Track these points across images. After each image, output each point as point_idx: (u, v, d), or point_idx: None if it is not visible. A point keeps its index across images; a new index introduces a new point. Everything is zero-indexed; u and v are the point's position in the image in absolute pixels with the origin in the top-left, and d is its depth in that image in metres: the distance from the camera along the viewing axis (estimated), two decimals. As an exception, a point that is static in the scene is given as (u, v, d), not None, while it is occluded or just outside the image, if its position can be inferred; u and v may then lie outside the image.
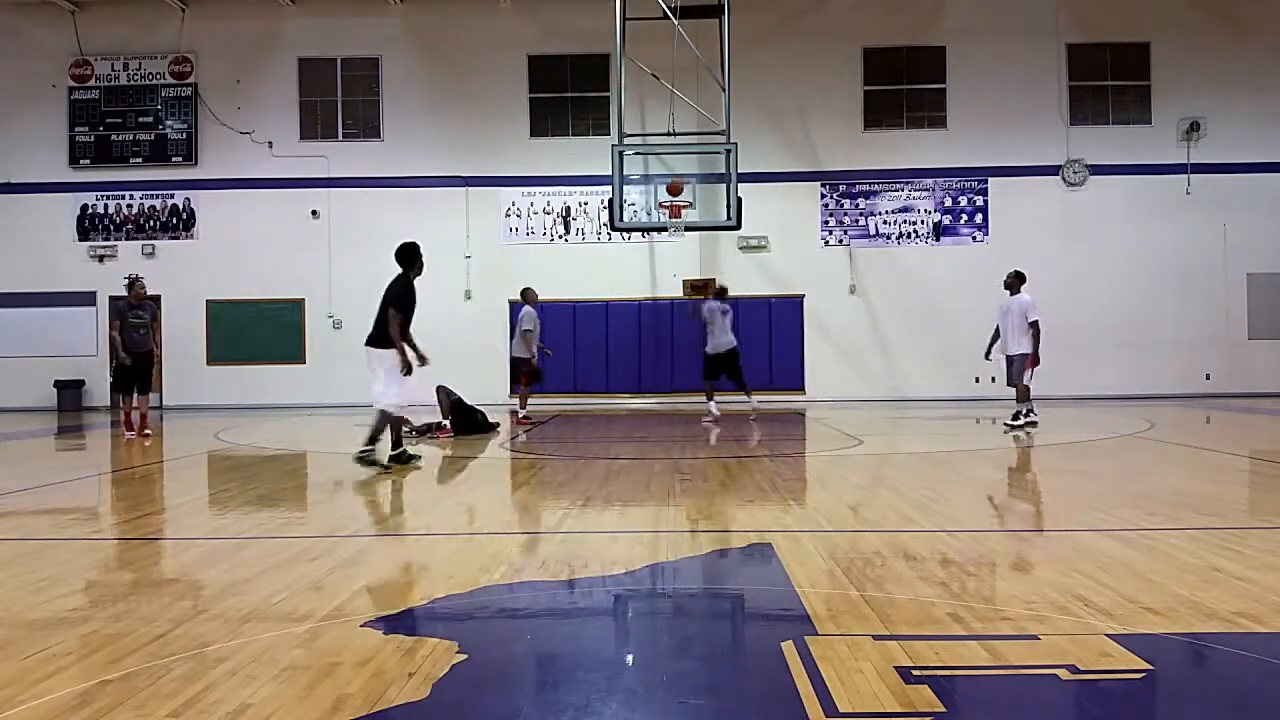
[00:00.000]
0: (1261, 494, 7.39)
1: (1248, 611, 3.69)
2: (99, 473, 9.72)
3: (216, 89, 19.95)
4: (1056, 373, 19.25)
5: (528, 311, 14.49)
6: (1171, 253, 19.33)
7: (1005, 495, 7.13)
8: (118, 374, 12.27)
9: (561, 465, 9.54)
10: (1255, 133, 19.39)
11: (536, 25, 19.69)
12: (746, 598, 4.38)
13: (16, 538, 5.76)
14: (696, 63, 17.27)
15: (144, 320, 12.01)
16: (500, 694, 3.00)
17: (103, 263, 19.90)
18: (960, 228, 19.65)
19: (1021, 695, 2.94)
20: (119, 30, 19.91)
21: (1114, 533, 5.30)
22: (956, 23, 19.63)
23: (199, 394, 19.47)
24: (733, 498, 6.92)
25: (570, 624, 3.92)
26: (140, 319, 11.99)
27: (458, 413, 12.40)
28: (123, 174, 19.96)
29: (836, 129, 19.61)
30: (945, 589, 4.11)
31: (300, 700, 2.87)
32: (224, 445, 11.64)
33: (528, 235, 19.80)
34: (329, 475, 8.38)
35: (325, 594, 4.19)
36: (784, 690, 2.91)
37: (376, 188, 19.67)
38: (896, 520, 6.00)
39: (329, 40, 19.85)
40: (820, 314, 19.49)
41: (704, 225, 17.91)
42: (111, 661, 3.25)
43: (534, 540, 5.41)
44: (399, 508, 6.95)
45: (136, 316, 11.99)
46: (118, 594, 4.27)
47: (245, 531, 5.85)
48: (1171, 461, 9.11)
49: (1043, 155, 19.51)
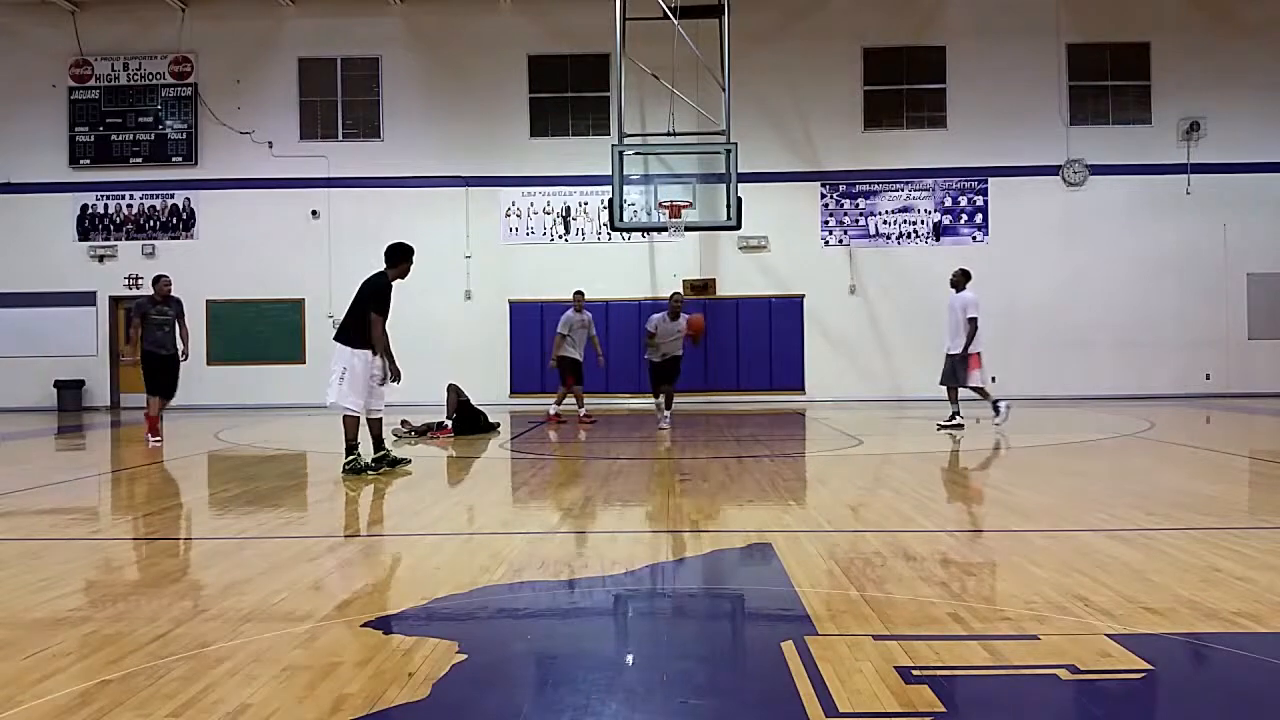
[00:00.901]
0: (1261, 494, 7.39)
1: (1248, 611, 3.69)
2: (99, 473, 9.72)
3: (216, 89, 19.96)
4: (1057, 373, 19.35)
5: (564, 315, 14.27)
6: (1171, 253, 19.33)
7: (1005, 495, 7.12)
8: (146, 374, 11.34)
9: (561, 465, 9.55)
10: (1255, 133, 19.39)
11: (536, 25, 19.69)
12: (746, 598, 4.38)
13: (16, 538, 5.76)
14: (696, 63, 17.27)
15: (168, 318, 11.23)
16: (500, 694, 3.00)
17: (103, 263, 19.92)
18: (960, 228, 19.65)
19: (1021, 695, 2.94)
20: (119, 30, 19.91)
21: (1114, 533, 5.30)
22: (956, 23, 19.64)
23: (199, 394, 19.41)
24: (733, 498, 6.91)
25: (570, 624, 3.92)
26: (164, 315, 11.22)
27: (461, 413, 12.41)
28: (123, 174, 19.97)
29: (836, 129, 19.61)
30: (945, 589, 4.11)
31: (300, 700, 2.87)
32: (224, 445, 11.63)
33: (528, 235, 19.80)
34: (329, 475, 8.38)
35: (325, 594, 4.19)
36: (784, 690, 2.91)
37: (376, 188, 19.67)
38: (896, 520, 6.00)
39: (329, 40, 19.85)
40: (820, 314, 19.49)
41: (704, 225, 17.92)
42: (111, 661, 3.25)
43: (534, 540, 5.41)
44: (399, 508, 6.94)
45: (160, 313, 11.21)
46: (118, 594, 4.27)
47: (245, 531, 5.84)
48: (1171, 461, 9.10)
49: (1043, 155, 19.51)
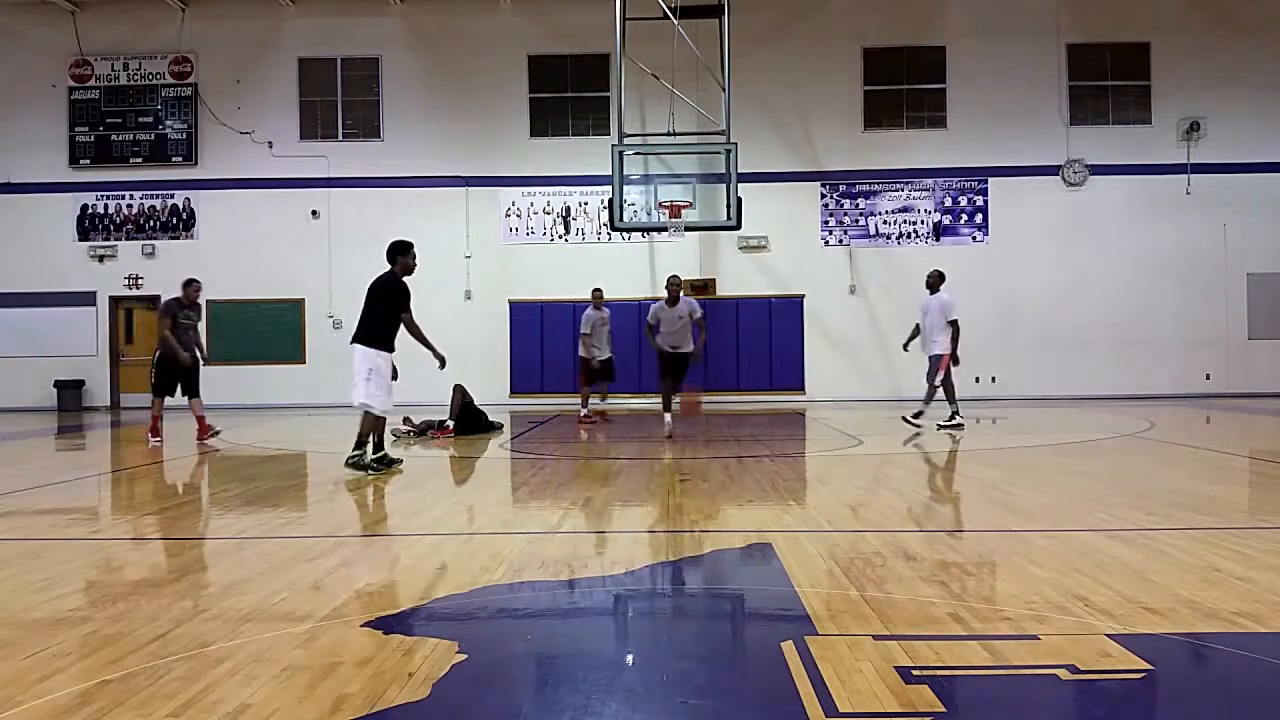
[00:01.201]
0: (1261, 494, 7.39)
1: (1248, 611, 3.69)
2: (99, 473, 9.72)
3: (216, 89, 19.96)
4: (1057, 372, 19.35)
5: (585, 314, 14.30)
6: (1171, 253, 19.33)
7: (1005, 495, 7.12)
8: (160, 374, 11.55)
9: (561, 465, 9.54)
10: (1255, 133, 19.39)
11: (536, 25, 19.69)
12: (746, 598, 4.37)
13: (16, 538, 5.76)
14: (696, 63, 17.27)
15: (193, 322, 11.75)
16: (500, 694, 3.00)
17: (103, 263, 19.92)
18: (960, 228, 19.64)
19: (1021, 695, 2.94)
20: (119, 30, 19.91)
21: (1114, 533, 5.30)
22: (956, 23, 19.64)
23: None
24: (733, 498, 6.91)
25: (570, 624, 3.92)
26: (190, 320, 11.70)
27: (463, 414, 12.42)
28: (123, 174, 19.97)
29: (836, 129, 19.61)
30: (945, 589, 4.11)
31: (300, 700, 2.87)
32: (224, 445, 11.63)
33: (528, 235, 19.80)
34: (329, 475, 8.38)
35: (325, 594, 4.19)
36: (784, 690, 2.91)
37: (376, 188, 19.67)
38: (896, 520, 6.00)
39: (329, 40, 19.85)
40: (820, 314, 19.49)
41: (704, 225, 17.92)
42: (112, 661, 3.25)
43: (534, 540, 5.41)
44: (399, 508, 6.94)
45: (186, 318, 11.67)
46: (118, 594, 4.27)
47: (245, 531, 5.84)
48: (1171, 461, 9.10)
49: (1043, 155, 19.51)
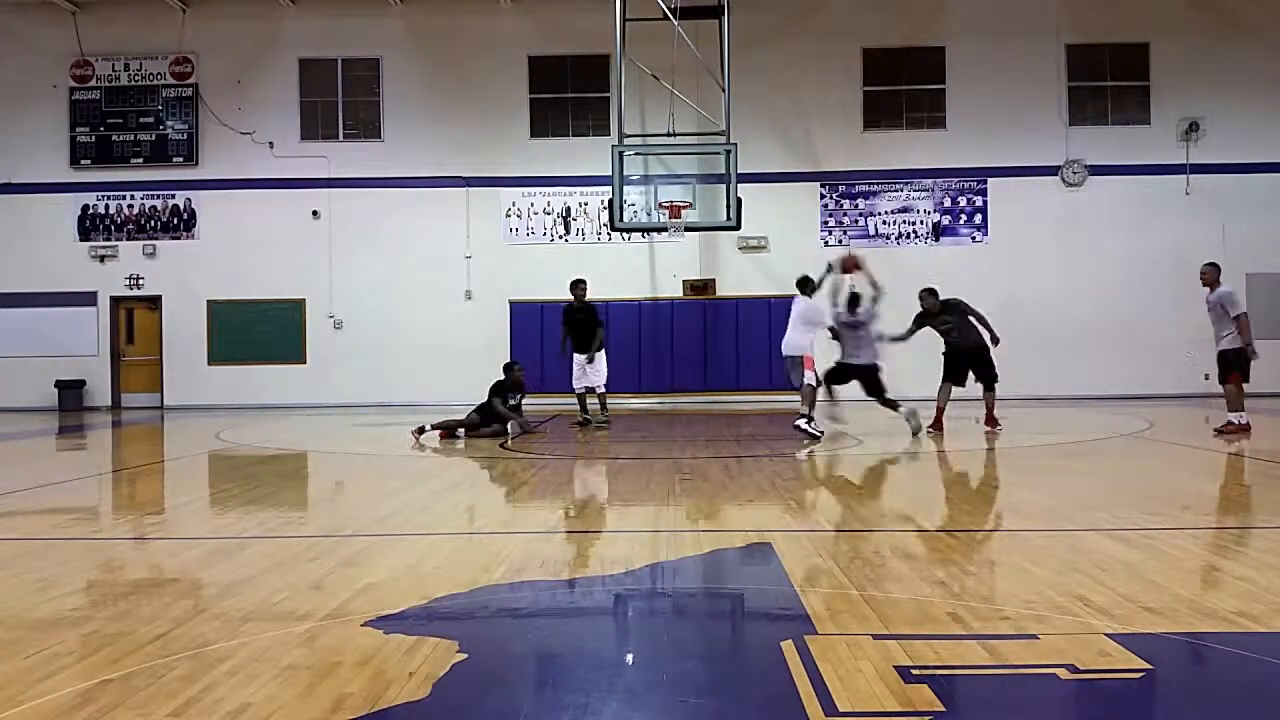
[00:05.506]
0: (1261, 494, 7.38)
1: (1248, 611, 3.69)
2: (99, 473, 9.72)
3: (217, 89, 19.95)
4: (1056, 372, 19.33)
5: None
6: (1170, 253, 19.28)
7: (1004, 495, 7.12)
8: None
9: (561, 465, 9.55)
10: (1255, 133, 19.37)
11: (536, 25, 19.68)
12: (746, 597, 4.37)
13: (16, 538, 5.77)
14: (696, 63, 17.27)
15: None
16: (500, 693, 3.00)
17: (103, 263, 19.91)
18: (960, 228, 19.64)
19: (1021, 695, 2.94)
20: (119, 30, 19.90)
21: (1114, 532, 5.30)
22: (956, 23, 19.62)
23: (200, 394, 19.46)
24: (733, 498, 6.91)
25: (570, 624, 3.92)
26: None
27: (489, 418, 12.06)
28: (123, 174, 19.96)
29: (836, 129, 19.60)
30: (945, 589, 4.11)
31: (301, 700, 2.87)
32: (225, 445, 11.63)
33: (528, 235, 19.80)
34: (329, 475, 8.38)
35: (325, 594, 4.19)
36: (784, 690, 2.91)
37: (377, 188, 19.66)
38: (896, 520, 6.00)
39: (329, 40, 19.85)
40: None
41: (704, 226, 17.90)
42: (112, 661, 3.25)
43: (534, 540, 5.41)
44: (399, 508, 6.94)
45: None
46: (118, 594, 4.28)
47: (245, 531, 5.84)
48: (1171, 461, 9.10)
49: (1042, 155, 19.49)
